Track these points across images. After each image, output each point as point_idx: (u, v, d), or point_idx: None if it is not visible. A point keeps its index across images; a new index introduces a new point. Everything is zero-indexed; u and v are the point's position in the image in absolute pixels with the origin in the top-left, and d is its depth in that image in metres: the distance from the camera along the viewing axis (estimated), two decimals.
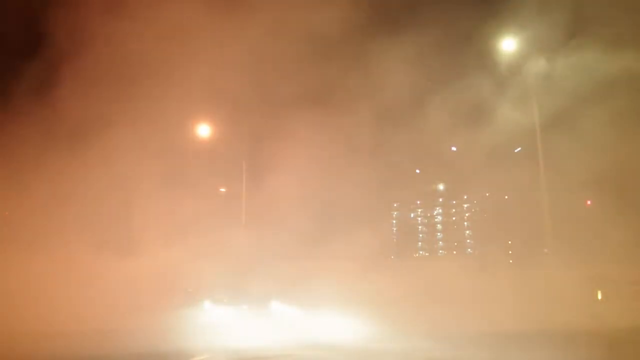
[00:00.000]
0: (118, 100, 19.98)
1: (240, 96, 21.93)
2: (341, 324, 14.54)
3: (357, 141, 22.81)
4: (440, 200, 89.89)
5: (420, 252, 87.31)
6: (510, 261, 75.26)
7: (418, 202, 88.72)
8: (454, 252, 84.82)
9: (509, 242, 79.28)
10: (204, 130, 23.50)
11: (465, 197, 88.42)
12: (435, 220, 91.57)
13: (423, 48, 21.75)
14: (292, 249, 19.60)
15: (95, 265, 18.69)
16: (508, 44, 20.15)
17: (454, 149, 42.34)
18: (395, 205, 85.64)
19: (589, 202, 30.58)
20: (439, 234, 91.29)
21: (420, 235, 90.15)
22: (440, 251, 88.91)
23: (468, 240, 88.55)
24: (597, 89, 20.05)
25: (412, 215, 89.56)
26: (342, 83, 22.01)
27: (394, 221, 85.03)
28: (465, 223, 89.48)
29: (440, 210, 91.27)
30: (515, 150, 34.53)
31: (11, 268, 17.26)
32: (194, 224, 19.83)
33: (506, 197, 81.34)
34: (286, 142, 21.22)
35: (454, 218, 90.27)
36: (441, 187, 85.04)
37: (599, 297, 16.87)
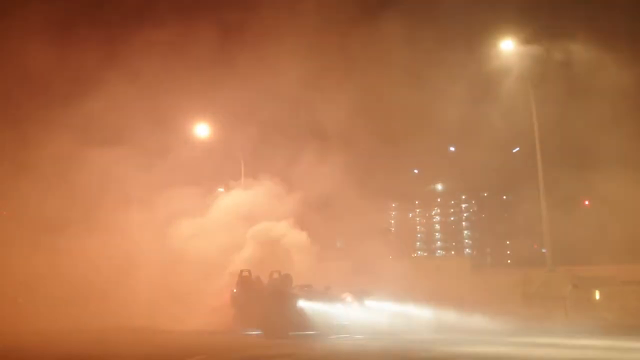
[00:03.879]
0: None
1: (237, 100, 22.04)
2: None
3: (356, 141, 22.87)
4: (439, 200, 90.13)
5: (419, 252, 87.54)
6: (509, 261, 75.60)
7: (417, 202, 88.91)
8: (452, 252, 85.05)
9: (507, 242, 79.69)
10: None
11: (463, 197, 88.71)
12: (434, 220, 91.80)
13: (421, 49, 21.83)
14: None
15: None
16: (506, 44, 20.19)
17: (452, 149, 42.50)
18: (393, 205, 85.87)
19: (586, 202, 30.78)
20: (437, 234, 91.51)
21: (419, 235, 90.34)
22: (438, 251, 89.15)
23: (466, 240, 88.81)
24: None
25: (410, 215, 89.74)
26: (341, 82, 22.07)
27: (392, 221, 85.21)
28: (464, 223, 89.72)
29: (438, 210, 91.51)
30: (514, 150, 34.68)
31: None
32: None
33: (504, 197, 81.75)
34: (285, 143, 21.33)
35: (452, 218, 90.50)
36: (439, 187, 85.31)
37: (597, 296, 16.94)
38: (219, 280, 17.26)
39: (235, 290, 16.02)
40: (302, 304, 14.03)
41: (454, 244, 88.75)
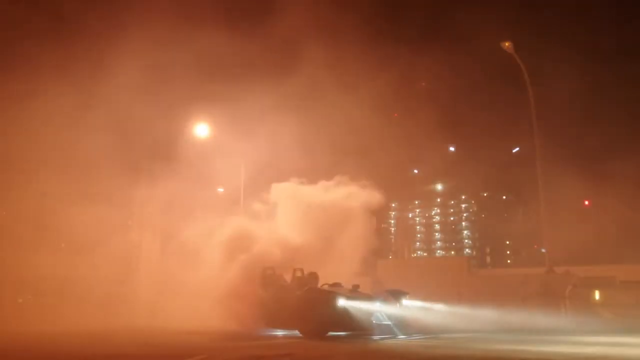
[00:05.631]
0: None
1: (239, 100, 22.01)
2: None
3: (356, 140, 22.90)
4: (438, 200, 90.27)
5: (419, 252, 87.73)
6: (509, 261, 75.78)
7: (416, 202, 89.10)
8: (452, 252, 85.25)
9: (507, 242, 79.86)
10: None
11: (463, 197, 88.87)
12: (434, 220, 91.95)
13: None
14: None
15: None
16: (506, 46, 20.23)
17: (452, 149, 42.61)
18: (393, 205, 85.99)
19: (586, 203, 30.85)
20: (436, 234, 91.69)
21: (419, 235, 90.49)
22: (438, 251, 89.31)
23: (466, 241, 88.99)
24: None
25: (410, 215, 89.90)
26: (343, 79, 22.13)
27: (392, 221, 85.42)
28: (463, 223, 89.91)
29: (438, 211, 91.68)
30: (514, 150, 34.77)
31: None
32: None
33: (504, 197, 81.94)
34: (284, 142, 21.34)
35: (452, 218, 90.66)
36: (439, 187, 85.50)
37: (597, 296, 16.98)
38: (232, 277, 16.47)
39: (259, 289, 15.10)
40: (343, 302, 13.35)
41: (453, 244, 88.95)
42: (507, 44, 19.62)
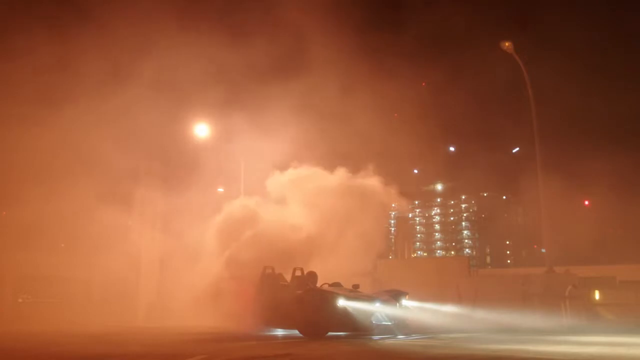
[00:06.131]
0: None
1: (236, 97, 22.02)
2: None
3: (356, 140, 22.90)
4: (439, 200, 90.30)
5: (419, 253, 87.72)
6: (509, 261, 75.78)
7: (416, 202, 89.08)
8: (452, 252, 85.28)
9: (507, 242, 79.94)
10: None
11: (463, 197, 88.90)
12: (434, 220, 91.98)
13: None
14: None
15: None
16: (506, 46, 20.24)
17: (452, 149, 42.61)
18: (393, 205, 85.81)
19: (586, 203, 30.88)
20: (436, 234, 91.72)
21: (419, 235, 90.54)
22: (438, 251, 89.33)
23: (466, 241, 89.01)
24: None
25: (410, 215, 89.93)
26: (341, 80, 22.15)
27: (392, 221, 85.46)
28: (463, 223, 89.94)
29: (438, 211, 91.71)
30: (514, 151, 34.80)
31: None
32: None
33: (504, 197, 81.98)
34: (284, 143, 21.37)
35: (452, 218, 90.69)
36: (439, 187, 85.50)
37: (597, 296, 17.01)
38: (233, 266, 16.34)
39: (259, 288, 15.10)
40: (343, 302, 13.35)
41: (453, 244, 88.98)
42: (507, 44, 19.62)
